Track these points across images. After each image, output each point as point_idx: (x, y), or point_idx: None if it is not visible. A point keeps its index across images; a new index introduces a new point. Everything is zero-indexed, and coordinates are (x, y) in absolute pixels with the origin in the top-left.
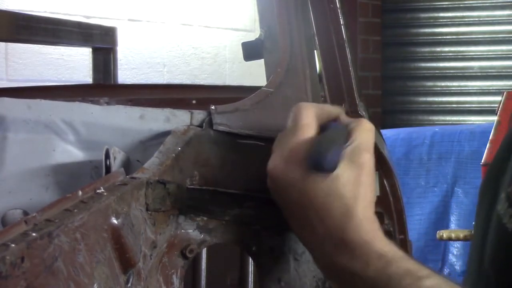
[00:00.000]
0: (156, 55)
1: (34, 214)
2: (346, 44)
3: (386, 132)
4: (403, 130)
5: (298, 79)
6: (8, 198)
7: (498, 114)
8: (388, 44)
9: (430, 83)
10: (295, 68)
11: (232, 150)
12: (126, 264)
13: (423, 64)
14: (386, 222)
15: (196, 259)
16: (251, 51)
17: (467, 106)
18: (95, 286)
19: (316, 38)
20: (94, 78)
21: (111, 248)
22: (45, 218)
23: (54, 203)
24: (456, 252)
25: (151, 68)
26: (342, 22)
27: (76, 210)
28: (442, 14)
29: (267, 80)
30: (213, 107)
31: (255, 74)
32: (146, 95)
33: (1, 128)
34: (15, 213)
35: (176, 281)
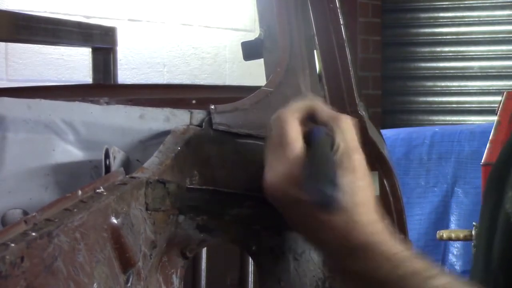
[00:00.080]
0: (156, 55)
1: (34, 214)
2: (346, 44)
3: (386, 132)
4: (403, 130)
5: (298, 79)
6: (8, 198)
7: (498, 114)
8: (388, 44)
9: (430, 83)
10: (295, 68)
11: (231, 149)
12: (126, 263)
13: (423, 64)
14: (386, 222)
15: (196, 259)
16: (251, 51)
17: (467, 106)
18: (95, 285)
19: (316, 38)
20: (94, 78)
21: (111, 247)
22: (44, 218)
23: (54, 203)
24: (456, 252)
25: (151, 68)
26: (342, 22)
27: (75, 210)
28: (442, 14)
29: (266, 79)
30: (212, 107)
31: (255, 74)
32: (146, 95)
33: (1, 128)
34: (15, 212)
35: (176, 280)
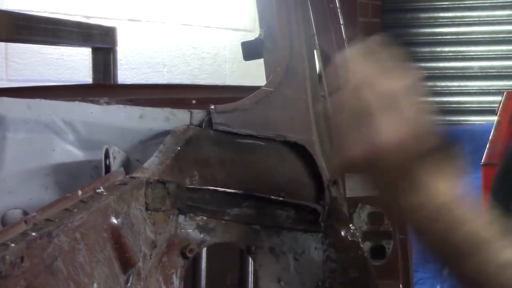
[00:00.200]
0: (156, 55)
1: (34, 214)
2: (346, 44)
3: None
4: None
5: (298, 79)
6: (8, 198)
7: (498, 114)
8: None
9: (430, 83)
10: (295, 68)
11: (231, 149)
12: (126, 263)
13: (423, 64)
14: (386, 222)
15: (196, 259)
16: (251, 51)
17: (467, 106)
18: (95, 285)
19: (316, 38)
20: (94, 78)
21: (111, 247)
22: (44, 218)
23: (54, 203)
24: None
25: (151, 68)
26: (342, 22)
27: (75, 210)
28: (442, 14)
29: (266, 79)
30: (212, 107)
31: (255, 74)
32: (146, 95)
33: (1, 128)
34: (15, 213)
35: (176, 280)
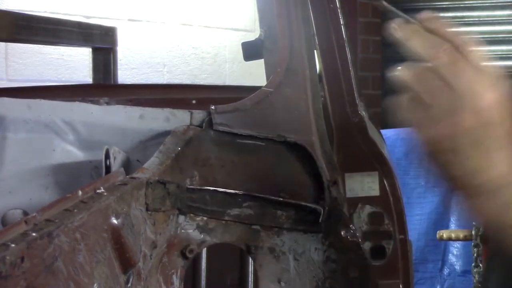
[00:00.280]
0: (156, 55)
1: (34, 214)
2: (346, 44)
3: (386, 132)
4: (403, 130)
5: (298, 79)
6: (8, 198)
7: None
8: (388, 44)
9: None
10: (295, 68)
11: (232, 150)
12: (126, 264)
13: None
14: (386, 222)
15: (196, 259)
16: (251, 51)
17: None
18: (95, 286)
19: (316, 38)
20: (94, 78)
21: (111, 248)
22: (45, 218)
23: (54, 203)
24: (456, 252)
25: (151, 68)
26: (342, 22)
27: (76, 210)
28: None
29: (267, 80)
30: (213, 107)
31: (255, 74)
32: (146, 95)
33: (1, 128)
34: (15, 213)
35: (176, 281)
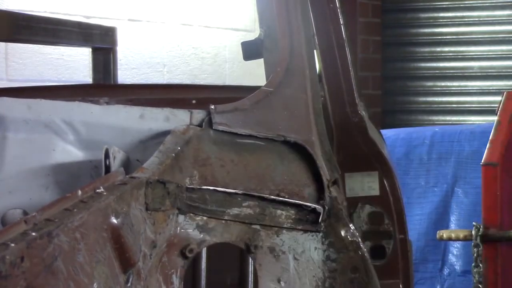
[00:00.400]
0: (156, 55)
1: (34, 214)
2: (346, 44)
3: (386, 132)
4: (403, 130)
5: (298, 79)
6: (8, 198)
7: (498, 114)
8: (388, 44)
9: (430, 83)
10: (295, 68)
11: (231, 149)
12: (126, 263)
13: (423, 64)
14: (386, 222)
15: (196, 259)
16: (251, 51)
17: (467, 106)
18: (95, 285)
19: (316, 38)
20: (94, 78)
21: (111, 247)
22: (45, 218)
23: (54, 203)
24: (456, 252)
25: (151, 68)
26: (342, 22)
27: (76, 210)
28: (442, 14)
29: (266, 79)
30: (212, 107)
31: (255, 74)
32: (146, 95)
33: (1, 128)
34: (15, 212)
35: (176, 280)
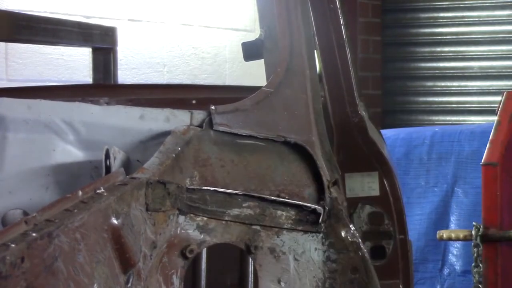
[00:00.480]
0: (156, 55)
1: (34, 214)
2: (346, 44)
3: (386, 132)
4: (403, 130)
5: (298, 79)
6: (8, 198)
7: (498, 114)
8: (388, 44)
9: (430, 83)
10: (295, 68)
11: (232, 150)
12: (126, 264)
13: (423, 64)
14: (386, 222)
15: (196, 259)
16: (251, 51)
17: (467, 106)
18: (95, 286)
19: (316, 38)
20: (94, 78)
21: (111, 248)
22: (45, 218)
23: (54, 203)
24: (456, 252)
25: (151, 68)
26: (342, 22)
27: (76, 210)
28: (442, 14)
29: (267, 80)
30: (213, 107)
31: (255, 74)
32: (146, 95)
33: (1, 128)
34: (15, 213)
35: (176, 281)
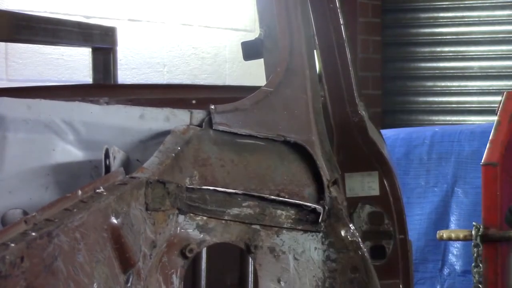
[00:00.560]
0: (156, 55)
1: (34, 214)
2: (346, 44)
3: (386, 132)
4: (403, 130)
5: (298, 79)
6: (8, 198)
7: (498, 114)
8: (388, 44)
9: (430, 83)
10: (295, 68)
11: (231, 149)
12: (126, 263)
13: (423, 64)
14: (386, 222)
15: (196, 259)
16: (251, 51)
17: (467, 106)
18: (95, 285)
19: (316, 38)
20: (94, 78)
21: (111, 247)
22: (45, 218)
23: (54, 203)
24: (456, 252)
25: (151, 68)
26: (342, 22)
27: (75, 210)
28: (442, 14)
29: (266, 80)
30: (212, 107)
31: (255, 74)
32: (146, 95)
33: (1, 128)
34: (15, 212)
35: (176, 280)
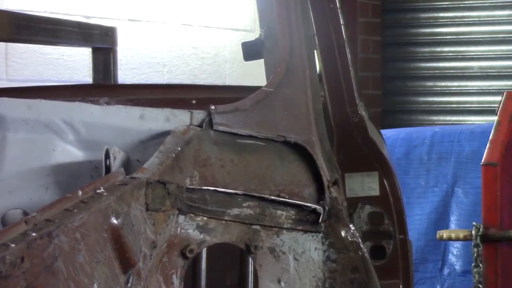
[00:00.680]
0: (156, 55)
1: (34, 214)
2: (346, 44)
3: (386, 132)
4: (403, 130)
5: (298, 79)
6: (8, 198)
7: (498, 114)
8: (388, 44)
9: (430, 83)
10: (295, 68)
11: (231, 150)
12: (126, 264)
13: (423, 64)
14: (386, 222)
15: (196, 259)
16: (251, 51)
17: (467, 106)
18: (95, 286)
19: (316, 38)
20: (94, 78)
21: (111, 248)
22: (45, 218)
23: (54, 203)
24: (456, 252)
25: (151, 68)
26: (342, 22)
27: (76, 210)
28: (442, 14)
29: (267, 80)
30: (213, 107)
31: (255, 74)
32: (146, 95)
33: (1, 128)
34: (15, 213)
35: (176, 281)
